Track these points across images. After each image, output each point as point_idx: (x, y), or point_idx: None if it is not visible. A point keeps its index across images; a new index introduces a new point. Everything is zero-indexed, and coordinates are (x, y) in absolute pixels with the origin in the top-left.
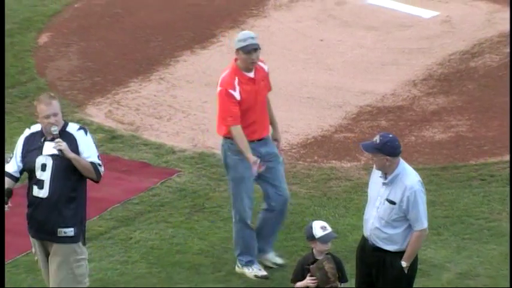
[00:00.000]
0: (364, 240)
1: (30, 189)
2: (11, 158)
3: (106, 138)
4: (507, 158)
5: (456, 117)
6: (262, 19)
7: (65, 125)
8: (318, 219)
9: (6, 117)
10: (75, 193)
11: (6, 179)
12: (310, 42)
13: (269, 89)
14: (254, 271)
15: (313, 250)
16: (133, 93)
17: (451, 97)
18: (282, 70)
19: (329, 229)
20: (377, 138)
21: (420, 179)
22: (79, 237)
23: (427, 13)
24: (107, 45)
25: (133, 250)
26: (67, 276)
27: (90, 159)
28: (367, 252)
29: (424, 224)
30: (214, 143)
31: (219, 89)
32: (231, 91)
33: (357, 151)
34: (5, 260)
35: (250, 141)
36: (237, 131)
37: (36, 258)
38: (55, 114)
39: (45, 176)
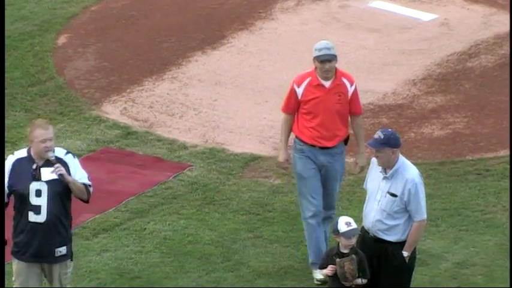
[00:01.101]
0: (364, 232)
1: (23, 216)
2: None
3: (121, 134)
4: (502, 153)
5: (453, 115)
6: (269, 21)
7: (53, 149)
8: (344, 215)
9: (26, 114)
10: (67, 214)
11: None
12: (315, 43)
13: (356, 110)
14: (315, 274)
15: (339, 243)
16: (148, 91)
17: (449, 96)
18: (289, 70)
19: (353, 225)
20: (380, 134)
21: (419, 172)
22: (70, 254)
23: (426, 16)
24: (123, 46)
25: (147, 240)
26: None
27: (82, 181)
28: (368, 244)
29: (424, 215)
30: (224, 138)
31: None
32: (295, 87)
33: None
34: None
35: (312, 146)
36: (284, 118)
37: (14, 283)
38: (51, 139)
39: (42, 201)
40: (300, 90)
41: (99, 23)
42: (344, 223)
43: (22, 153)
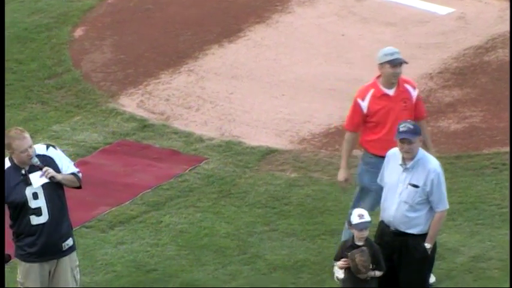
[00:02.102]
0: (383, 227)
1: (24, 221)
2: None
3: (138, 127)
4: None
5: (470, 109)
6: (286, 15)
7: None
8: (359, 207)
9: (42, 106)
10: (64, 205)
11: None
12: (332, 37)
13: (421, 114)
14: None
15: (354, 235)
16: (164, 84)
17: (465, 90)
18: (305, 63)
19: (366, 218)
20: (408, 125)
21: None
22: (75, 244)
23: (443, 10)
24: (139, 39)
25: (163, 233)
26: (72, 283)
27: (70, 171)
28: (387, 238)
29: (446, 205)
30: (240, 132)
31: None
32: (360, 101)
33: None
34: None
35: (375, 156)
36: (347, 136)
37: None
38: (31, 146)
39: (40, 202)
40: (364, 104)
41: (115, 15)
42: (357, 215)
43: (6, 163)
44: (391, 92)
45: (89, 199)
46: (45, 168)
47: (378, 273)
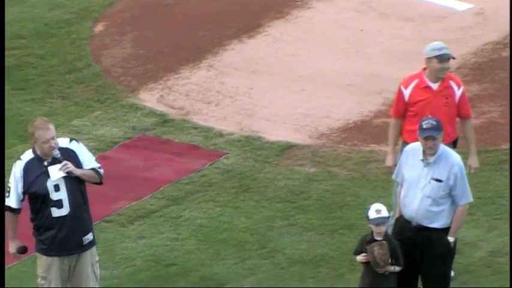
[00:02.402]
0: (403, 222)
1: (46, 214)
2: (8, 191)
3: (158, 122)
4: None
5: (488, 104)
6: (305, 10)
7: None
8: (377, 202)
9: (63, 101)
10: (86, 200)
11: (12, 216)
12: (351, 32)
13: (465, 113)
14: None
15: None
16: (184, 79)
17: (484, 85)
18: (324, 59)
19: (383, 213)
20: (431, 121)
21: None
22: (95, 239)
23: (461, 5)
24: (159, 34)
25: (182, 227)
26: (92, 278)
27: (91, 166)
28: (408, 233)
29: (470, 198)
30: (259, 127)
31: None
32: (403, 88)
33: None
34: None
35: None
36: (393, 123)
37: (42, 282)
38: (53, 138)
39: (62, 195)
40: (407, 92)
41: (135, 11)
42: (374, 210)
43: (29, 155)
44: (434, 86)
45: (109, 193)
46: (64, 162)
47: (396, 269)
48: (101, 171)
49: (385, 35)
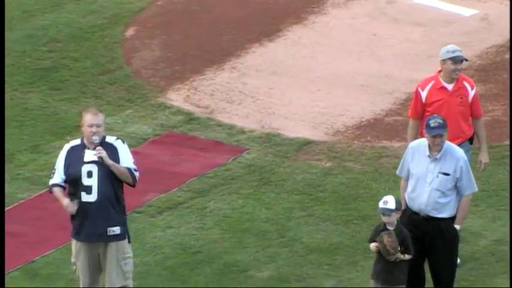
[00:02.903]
0: (410, 214)
1: (77, 197)
2: (53, 173)
3: (184, 120)
4: None
5: (492, 103)
6: (322, 16)
7: (104, 137)
8: (389, 194)
9: (96, 101)
10: (118, 196)
11: (58, 188)
12: (364, 36)
13: (477, 113)
14: None
15: None
16: (209, 80)
17: (488, 85)
18: (339, 61)
19: (388, 205)
20: (438, 120)
21: None
22: (125, 235)
23: (467, 11)
24: (186, 38)
25: (207, 218)
26: (117, 272)
27: (126, 165)
28: (417, 224)
29: (475, 187)
30: (279, 124)
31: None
32: (420, 90)
33: (405, 132)
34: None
35: None
36: (411, 123)
37: (74, 267)
38: (98, 126)
39: (92, 181)
40: (424, 93)
41: (164, 16)
42: (383, 201)
43: (76, 141)
44: (449, 86)
45: (139, 186)
46: (98, 148)
47: (407, 257)
48: (136, 174)
49: (396, 38)
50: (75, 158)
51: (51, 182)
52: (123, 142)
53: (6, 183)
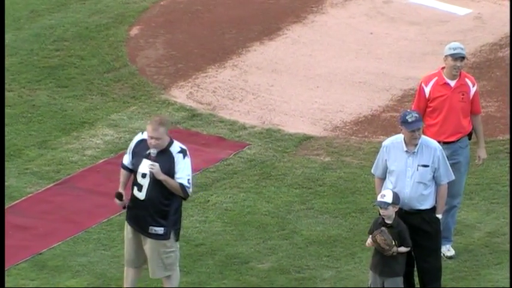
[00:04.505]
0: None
1: (132, 188)
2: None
3: (187, 116)
4: None
5: (486, 100)
6: (320, 15)
7: (170, 143)
8: (386, 189)
9: (102, 97)
10: (168, 201)
11: (123, 171)
12: (362, 35)
13: (476, 109)
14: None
15: None
16: (211, 77)
17: (482, 82)
18: (338, 59)
19: (385, 198)
20: (415, 114)
21: None
22: (168, 235)
23: (461, 10)
24: (189, 37)
25: (210, 211)
26: (158, 264)
27: (179, 181)
28: (401, 218)
29: (452, 176)
30: (279, 120)
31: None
32: (424, 86)
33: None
34: (100, 219)
35: (437, 142)
36: None
37: (127, 236)
38: (157, 139)
39: (144, 182)
40: (427, 89)
41: (167, 16)
42: (380, 194)
43: (146, 135)
44: (452, 83)
45: None
46: (152, 163)
47: (403, 249)
48: (189, 190)
49: (393, 37)
50: (141, 152)
51: (123, 161)
52: (184, 156)
53: (15, 177)
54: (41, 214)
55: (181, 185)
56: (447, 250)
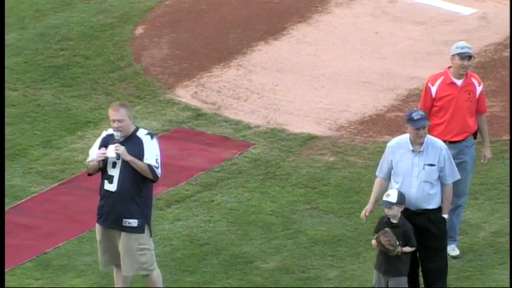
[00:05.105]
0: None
1: (102, 184)
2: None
3: (192, 115)
4: None
5: (491, 99)
6: (325, 15)
7: (136, 129)
8: (392, 188)
9: (106, 97)
10: (140, 189)
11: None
12: (367, 34)
13: (482, 108)
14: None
15: None
16: (216, 77)
17: (487, 82)
18: (343, 58)
19: (390, 198)
20: (421, 112)
21: None
22: (143, 228)
23: (466, 10)
24: (194, 36)
25: (215, 211)
26: (131, 262)
27: (147, 162)
28: (407, 218)
29: (458, 175)
30: (284, 120)
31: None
32: (430, 85)
33: (406, 127)
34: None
35: (443, 141)
36: None
37: (99, 238)
38: (120, 121)
39: (115, 172)
40: (434, 89)
41: (172, 15)
42: (386, 194)
43: (111, 130)
44: (459, 82)
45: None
46: (116, 144)
47: (408, 249)
48: (157, 170)
49: (397, 37)
50: (107, 146)
51: (87, 160)
52: (152, 138)
53: (20, 177)
54: (45, 213)
55: (149, 165)
56: (452, 250)
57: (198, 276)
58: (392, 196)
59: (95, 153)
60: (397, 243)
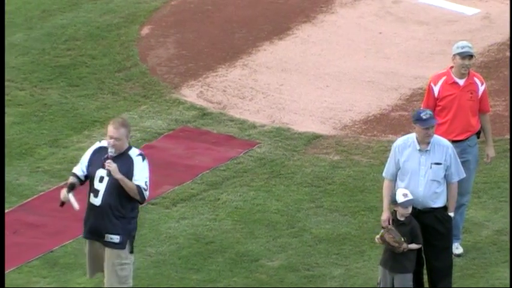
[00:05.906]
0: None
1: (88, 196)
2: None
3: (198, 115)
4: None
5: (494, 99)
6: (330, 15)
7: (129, 148)
8: (400, 188)
9: (113, 96)
10: (125, 207)
11: (72, 178)
12: (371, 34)
13: (485, 107)
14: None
15: (396, 211)
16: (221, 77)
17: (490, 81)
18: (347, 58)
19: (410, 196)
20: (428, 112)
21: None
22: (124, 245)
23: (469, 10)
24: (199, 36)
25: (220, 209)
26: (112, 276)
27: (137, 183)
28: (414, 217)
29: (463, 173)
30: (289, 119)
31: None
32: (433, 85)
33: (410, 127)
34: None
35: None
36: None
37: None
38: (117, 139)
39: (101, 187)
40: (436, 88)
41: (178, 15)
42: (401, 194)
43: (104, 143)
44: (461, 81)
45: (154, 179)
46: (108, 161)
47: (414, 246)
48: (145, 193)
49: (401, 37)
50: (97, 159)
51: (73, 170)
52: (143, 159)
53: (27, 176)
54: (52, 212)
55: (138, 186)
56: (456, 248)
57: (203, 274)
58: (409, 194)
59: (85, 161)
60: (402, 239)
